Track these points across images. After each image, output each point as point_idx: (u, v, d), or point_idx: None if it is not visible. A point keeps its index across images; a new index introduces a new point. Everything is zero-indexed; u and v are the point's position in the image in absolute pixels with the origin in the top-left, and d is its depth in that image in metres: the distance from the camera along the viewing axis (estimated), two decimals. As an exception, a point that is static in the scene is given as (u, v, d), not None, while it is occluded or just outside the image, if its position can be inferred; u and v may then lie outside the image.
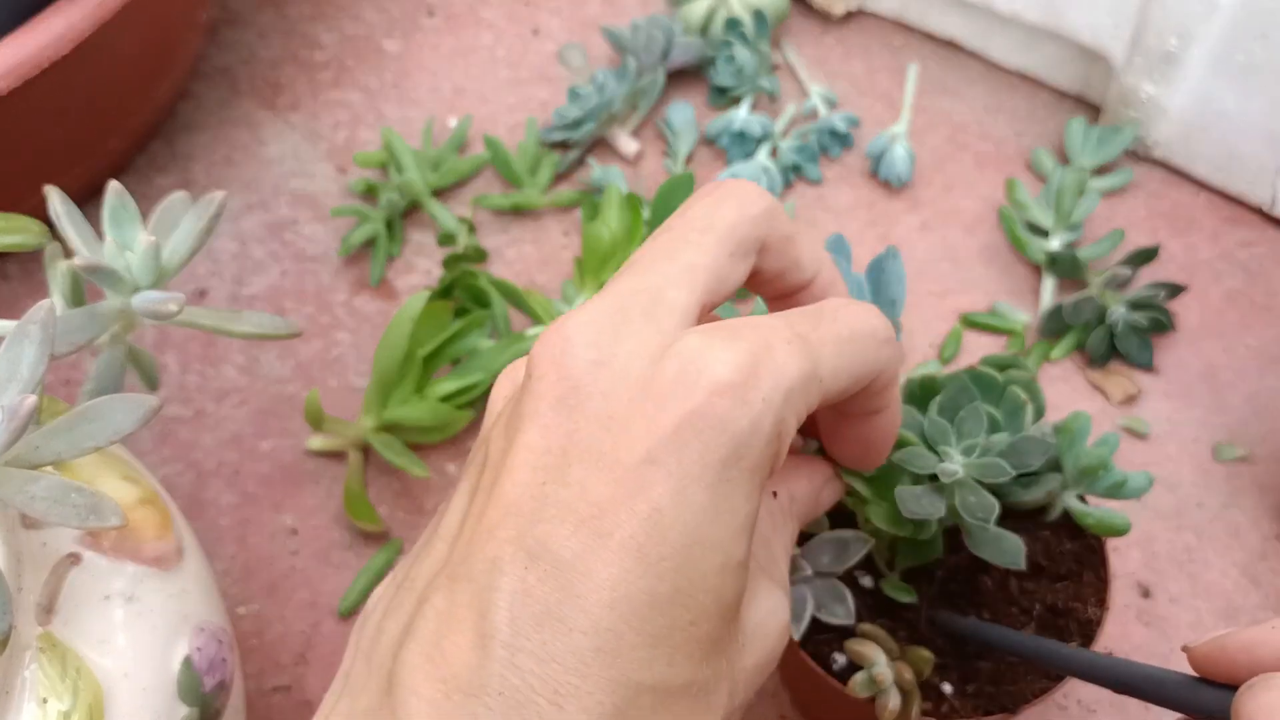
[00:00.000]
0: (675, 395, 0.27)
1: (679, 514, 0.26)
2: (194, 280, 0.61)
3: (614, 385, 0.28)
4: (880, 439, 0.35)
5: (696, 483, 0.27)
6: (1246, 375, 0.58)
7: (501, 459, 0.28)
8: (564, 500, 0.27)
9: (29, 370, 0.35)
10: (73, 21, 0.52)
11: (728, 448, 0.27)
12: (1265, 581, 0.52)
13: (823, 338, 0.29)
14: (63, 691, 0.36)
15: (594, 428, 0.27)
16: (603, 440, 0.27)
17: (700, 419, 0.27)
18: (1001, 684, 0.41)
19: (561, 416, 0.28)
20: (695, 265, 0.30)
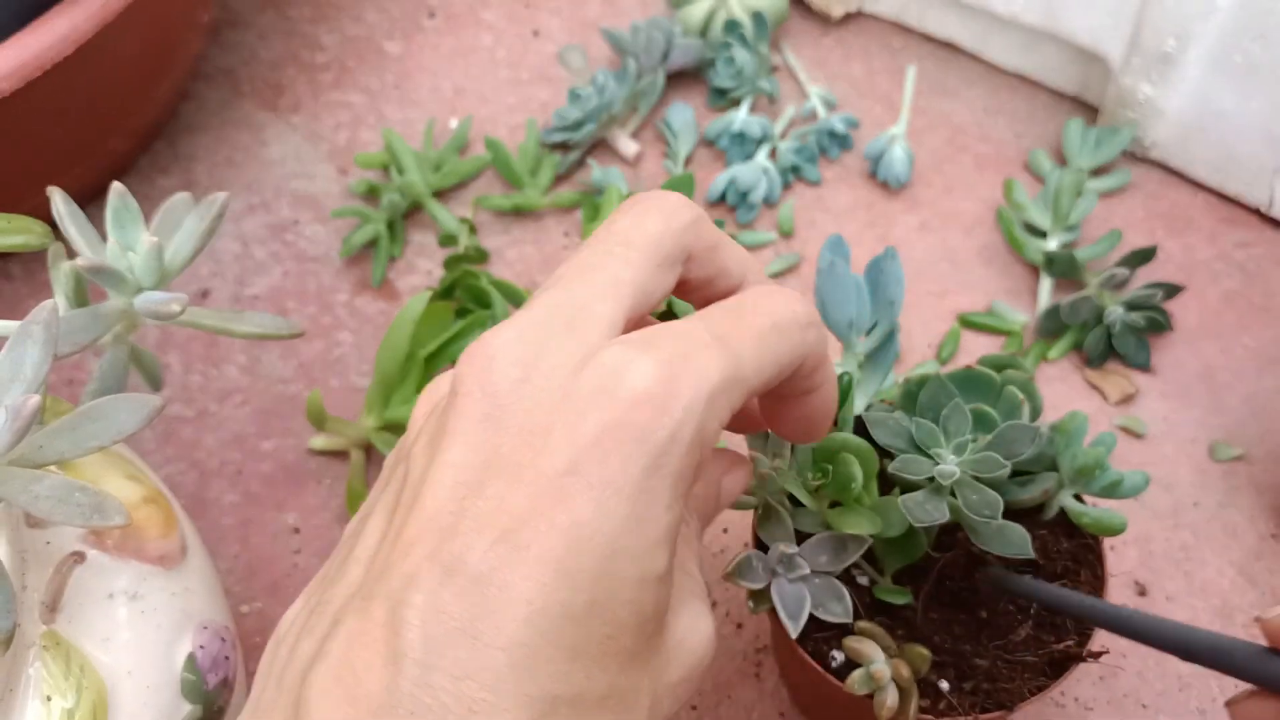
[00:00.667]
0: (595, 406, 0.27)
1: (599, 525, 0.26)
2: (196, 281, 0.61)
3: (537, 399, 0.28)
4: (818, 415, 0.35)
5: (617, 494, 0.26)
6: (1243, 375, 0.58)
7: (423, 476, 0.28)
8: (482, 514, 0.27)
9: (32, 370, 0.35)
10: (75, 22, 0.52)
11: (648, 458, 0.27)
12: (1261, 580, 0.53)
13: (744, 334, 0.29)
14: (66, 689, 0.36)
15: (516, 442, 0.27)
16: (524, 453, 0.27)
17: (620, 430, 0.27)
18: (998, 681, 0.41)
19: (485, 432, 0.28)
20: (620, 278, 0.30)
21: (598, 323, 0.29)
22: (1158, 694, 0.50)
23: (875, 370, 0.43)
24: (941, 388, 0.39)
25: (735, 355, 0.29)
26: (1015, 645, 0.41)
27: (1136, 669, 0.50)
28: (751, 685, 0.50)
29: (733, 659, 0.51)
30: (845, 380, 0.42)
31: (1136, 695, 0.50)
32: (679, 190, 0.60)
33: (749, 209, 0.64)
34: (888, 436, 0.39)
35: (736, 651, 0.51)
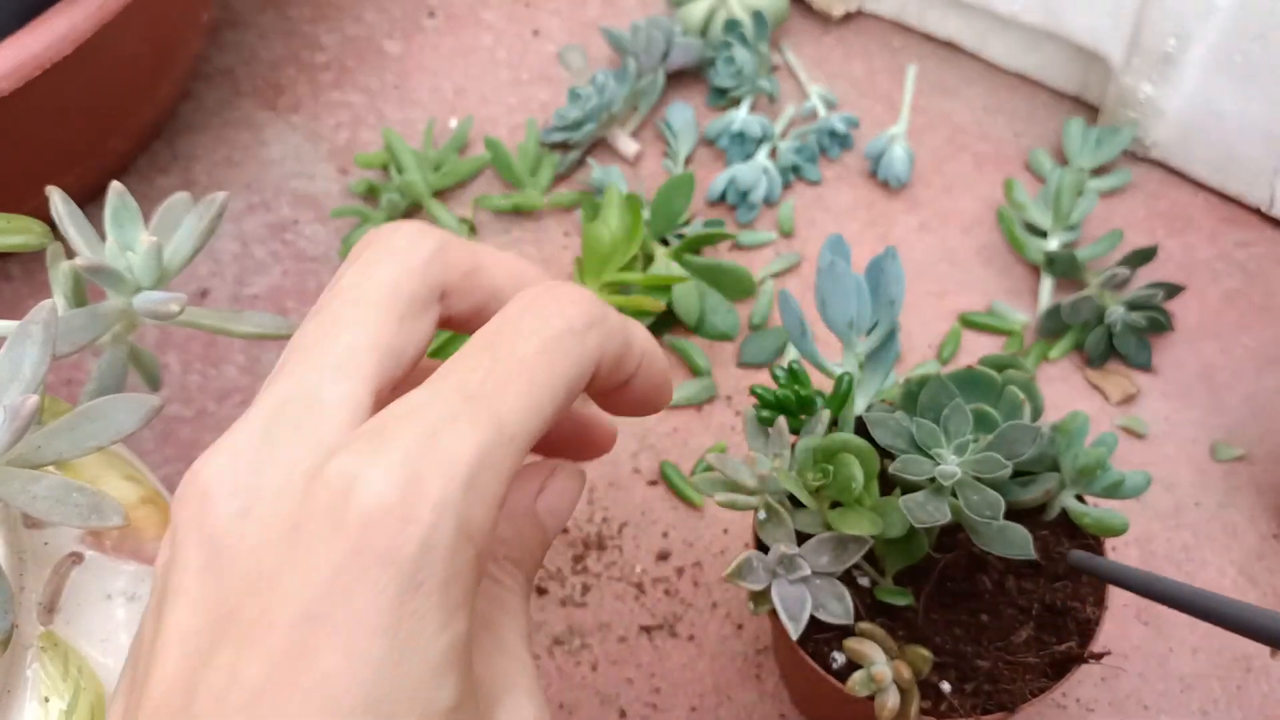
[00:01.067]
0: (326, 536, 0.22)
1: (353, 675, 0.22)
2: (195, 280, 0.61)
3: (261, 536, 0.23)
4: (646, 396, 0.30)
5: (370, 632, 0.22)
6: (1244, 375, 0.58)
7: (150, 649, 0.24)
8: (215, 688, 0.22)
9: (31, 370, 0.35)
10: (74, 22, 0.52)
11: (400, 579, 0.22)
12: (1262, 580, 0.53)
13: (504, 378, 0.25)
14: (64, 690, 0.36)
15: (243, 593, 0.23)
16: (254, 606, 0.23)
17: (359, 557, 0.22)
18: (1000, 683, 0.41)
19: (207, 585, 0.23)
20: (355, 347, 0.25)
21: (331, 415, 0.24)
22: (1159, 695, 0.50)
23: (876, 370, 0.43)
24: (942, 388, 0.39)
25: (494, 414, 0.24)
26: (1017, 646, 0.41)
27: (1139, 670, 0.50)
28: (752, 687, 0.50)
29: (733, 660, 0.51)
30: (846, 380, 0.42)
31: (1138, 696, 0.50)
32: (679, 189, 0.60)
33: (749, 208, 0.64)
34: (888, 437, 0.39)
35: (737, 653, 0.51)
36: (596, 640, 0.51)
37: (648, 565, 0.53)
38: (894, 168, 0.64)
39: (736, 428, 0.57)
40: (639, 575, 0.53)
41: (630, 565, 0.53)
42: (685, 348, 0.59)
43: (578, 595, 0.52)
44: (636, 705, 0.50)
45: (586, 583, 0.53)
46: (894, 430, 0.39)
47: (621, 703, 0.50)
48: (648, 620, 0.52)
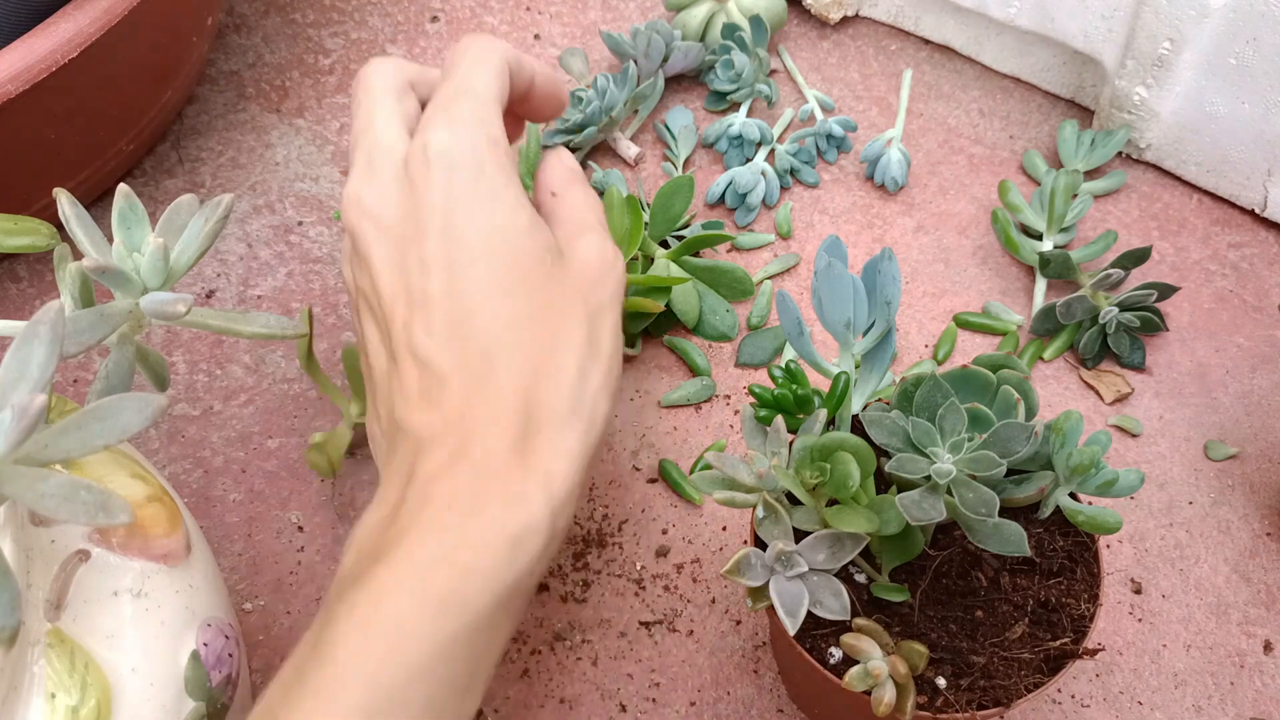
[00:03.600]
0: (434, 176, 0.40)
1: (491, 222, 0.41)
2: (202, 281, 0.62)
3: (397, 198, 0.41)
4: (548, 96, 0.47)
5: (495, 200, 0.41)
6: (1237, 374, 0.59)
7: (372, 283, 0.42)
8: (415, 277, 0.41)
9: (39, 370, 0.35)
10: (81, 26, 0.52)
11: (483, 169, 0.40)
12: (1255, 578, 0.53)
13: (470, 74, 0.42)
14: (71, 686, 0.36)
15: (412, 223, 0.41)
16: (411, 225, 0.41)
17: (452, 173, 0.41)
18: (995, 678, 0.41)
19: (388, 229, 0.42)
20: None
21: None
22: (1153, 691, 0.50)
23: (872, 370, 0.44)
24: (937, 387, 0.40)
25: (471, 88, 0.43)
26: (1012, 642, 0.41)
27: (1132, 666, 0.51)
28: (750, 681, 0.51)
29: (731, 656, 0.51)
30: (843, 380, 0.42)
31: (1132, 692, 0.50)
32: (678, 192, 0.60)
33: (747, 211, 0.64)
34: (884, 435, 0.40)
35: (735, 648, 0.51)
36: (597, 636, 0.52)
37: (647, 562, 0.53)
38: (890, 170, 0.65)
39: (735, 426, 0.57)
40: (639, 572, 0.53)
41: (630, 562, 0.54)
42: (684, 348, 0.59)
43: (578, 592, 0.53)
44: (636, 700, 0.50)
45: (587, 579, 0.53)
46: (890, 429, 0.40)
47: (621, 697, 0.50)
48: (647, 616, 0.52)
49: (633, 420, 0.57)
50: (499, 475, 0.36)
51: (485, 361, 0.38)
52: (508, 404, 0.37)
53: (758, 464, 0.40)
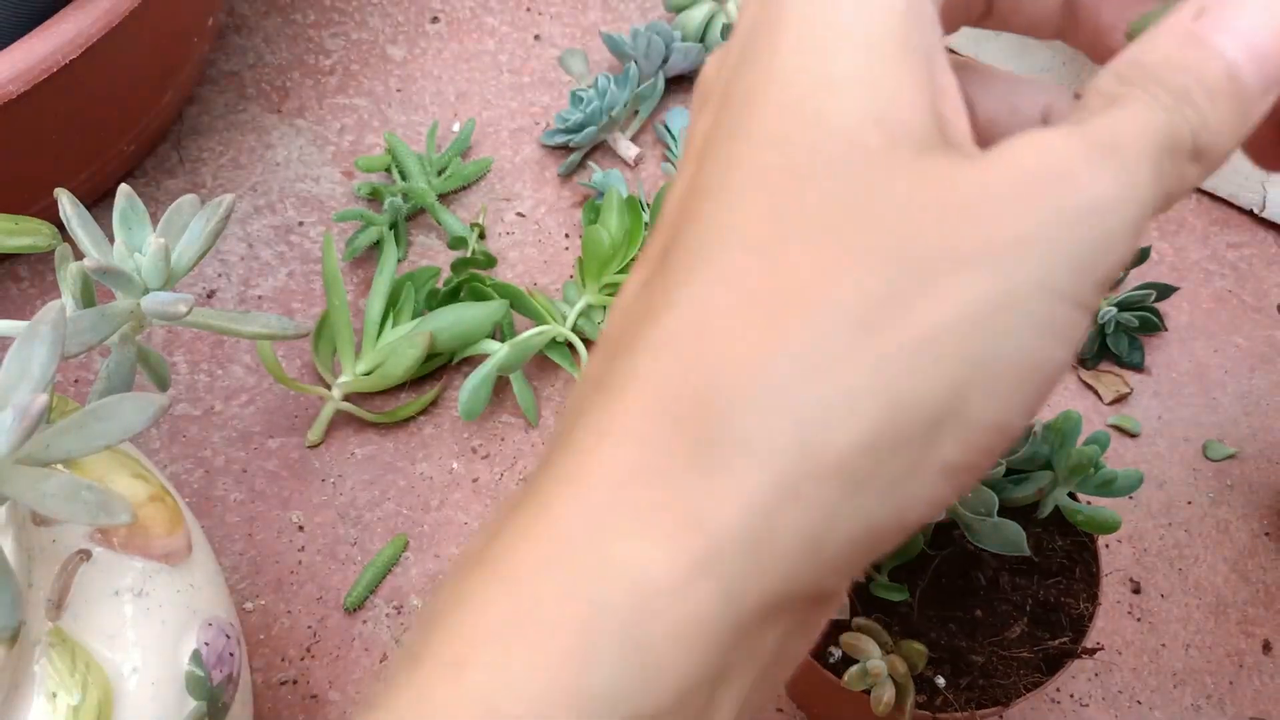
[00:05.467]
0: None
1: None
2: (203, 281, 0.62)
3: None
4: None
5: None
6: (1236, 375, 0.59)
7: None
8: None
9: (40, 370, 0.35)
10: (82, 26, 0.52)
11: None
12: (1254, 578, 0.53)
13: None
14: (72, 686, 0.36)
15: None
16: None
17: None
18: (994, 677, 0.41)
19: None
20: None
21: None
22: (1152, 690, 0.50)
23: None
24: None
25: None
26: (1011, 642, 0.42)
27: (1131, 665, 0.51)
28: (750, 682, 0.51)
29: (731, 656, 0.51)
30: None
31: (1131, 691, 0.50)
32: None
33: (748, 211, 0.64)
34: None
35: (735, 648, 0.51)
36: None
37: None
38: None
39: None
40: (639, 572, 0.53)
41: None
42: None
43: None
44: (636, 700, 0.50)
45: None
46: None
47: (621, 698, 0.50)
48: (647, 617, 0.52)
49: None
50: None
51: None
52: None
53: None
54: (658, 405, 0.21)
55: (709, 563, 0.20)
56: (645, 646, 0.20)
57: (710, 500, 0.20)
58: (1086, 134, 0.21)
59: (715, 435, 0.20)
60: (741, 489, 0.20)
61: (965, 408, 0.20)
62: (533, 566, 0.21)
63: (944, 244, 0.20)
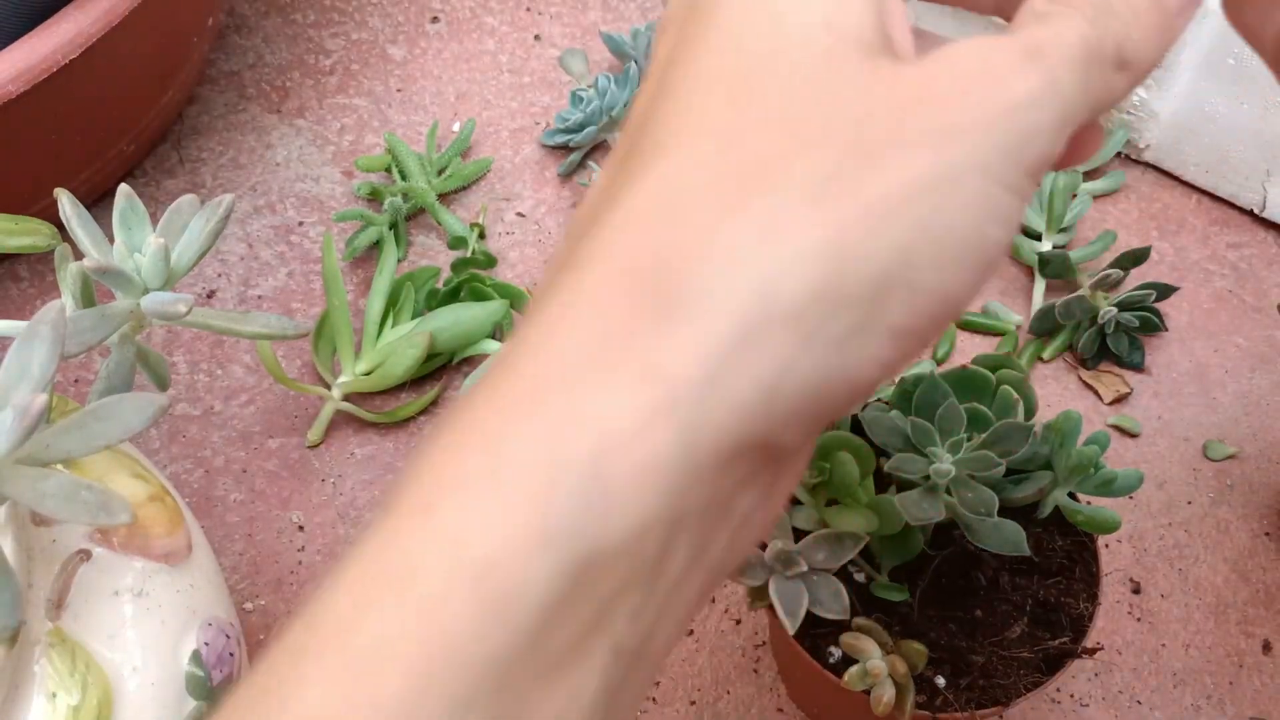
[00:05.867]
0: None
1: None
2: (203, 281, 0.62)
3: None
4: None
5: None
6: (1236, 374, 0.59)
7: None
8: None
9: (40, 370, 0.35)
10: (81, 26, 0.52)
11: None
12: (1254, 578, 0.53)
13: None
14: (72, 686, 0.36)
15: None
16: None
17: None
18: (994, 677, 0.41)
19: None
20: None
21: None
22: (1152, 690, 0.50)
23: (872, 370, 0.44)
24: (937, 387, 0.40)
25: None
26: (1011, 642, 0.42)
27: (1131, 665, 0.51)
28: (750, 681, 0.51)
29: (731, 655, 0.51)
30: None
31: (1131, 691, 0.50)
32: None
33: (748, 211, 0.64)
34: (884, 435, 0.40)
35: (735, 648, 0.51)
36: (597, 637, 0.51)
37: (647, 563, 0.53)
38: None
39: (735, 427, 0.57)
40: (639, 572, 0.53)
41: (630, 563, 0.53)
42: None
43: (578, 592, 0.53)
44: (636, 700, 0.50)
45: None
46: (889, 429, 0.40)
47: (621, 698, 0.50)
48: (647, 617, 0.52)
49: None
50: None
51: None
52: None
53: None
54: (621, 274, 0.22)
55: (667, 407, 0.21)
56: (604, 486, 0.21)
57: (669, 351, 0.21)
58: (1017, 41, 0.24)
59: (675, 294, 0.22)
60: (699, 338, 0.21)
61: (910, 274, 0.22)
62: (501, 421, 0.22)
63: (889, 130, 0.22)
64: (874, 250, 0.22)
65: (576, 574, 0.21)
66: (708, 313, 0.22)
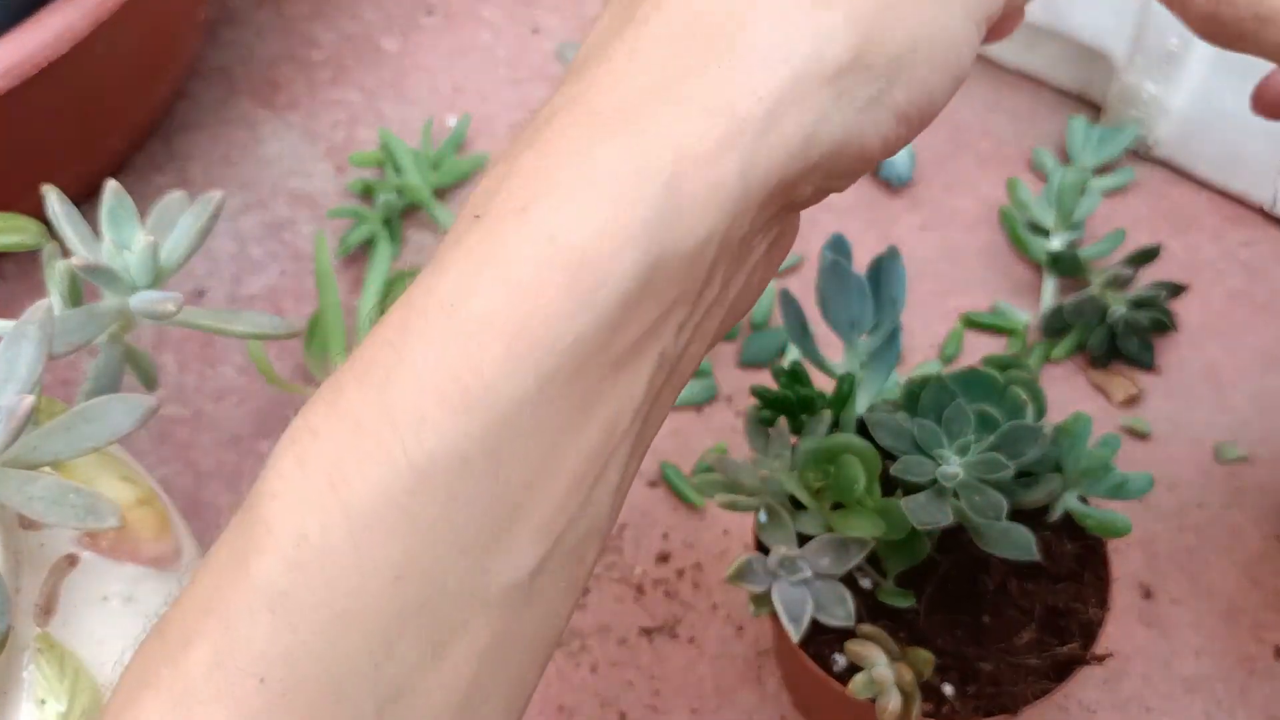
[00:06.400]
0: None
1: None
2: (192, 280, 0.61)
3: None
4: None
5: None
6: (1248, 375, 0.58)
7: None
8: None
9: (27, 370, 0.35)
10: (71, 20, 0.52)
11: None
12: (1266, 582, 0.52)
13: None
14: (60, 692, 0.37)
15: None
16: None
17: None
18: (1002, 685, 0.41)
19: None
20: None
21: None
22: (1163, 697, 0.50)
23: (877, 370, 0.43)
24: (944, 388, 0.39)
25: None
26: (1019, 648, 0.41)
27: (1141, 672, 0.50)
28: (753, 689, 0.50)
29: (734, 663, 0.51)
30: (847, 381, 0.42)
31: (1141, 699, 0.50)
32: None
33: (749, 208, 0.64)
34: (890, 438, 0.39)
35: (738, 655, 0.51)
36: (596, 642, 0.51)
37: (648, 567, 0.53)
38: (896, 167, 0.64)
39: (737, 428, 0.57)
40: (639, 577, 0.53)
41: (630, 567, 0.53)
42: (685, 347, 0.59)
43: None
44: (637, 708, 0.50)
45: (586, 584, 0.52)
46: (895, 431, 0.39)
47: (621, 705, 0.50)
48: (648, 622, 0.52)
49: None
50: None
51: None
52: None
53: (760, 467, 0.40)
54: (685, 25, 0.26)
55: (733, 138, 0.25)
56: (679, 201, 0.25)
57: (735, 90, 0.26)
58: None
59: (739, 44, 0.26)
60: (761, 83, 0.26)
61: (915, 63, 0.27)
62: (589, 139, 0.26)
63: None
64: (894, 35, 0.27)
65: (650, 274, 0.25)
66: (767, 62, 0.26)
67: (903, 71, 0.27)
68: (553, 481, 0.25)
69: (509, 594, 0.25)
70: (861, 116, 0.27)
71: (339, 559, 0.24)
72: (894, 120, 0.28)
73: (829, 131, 0.26)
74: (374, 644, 0.24)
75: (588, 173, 0.25)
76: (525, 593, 0.25)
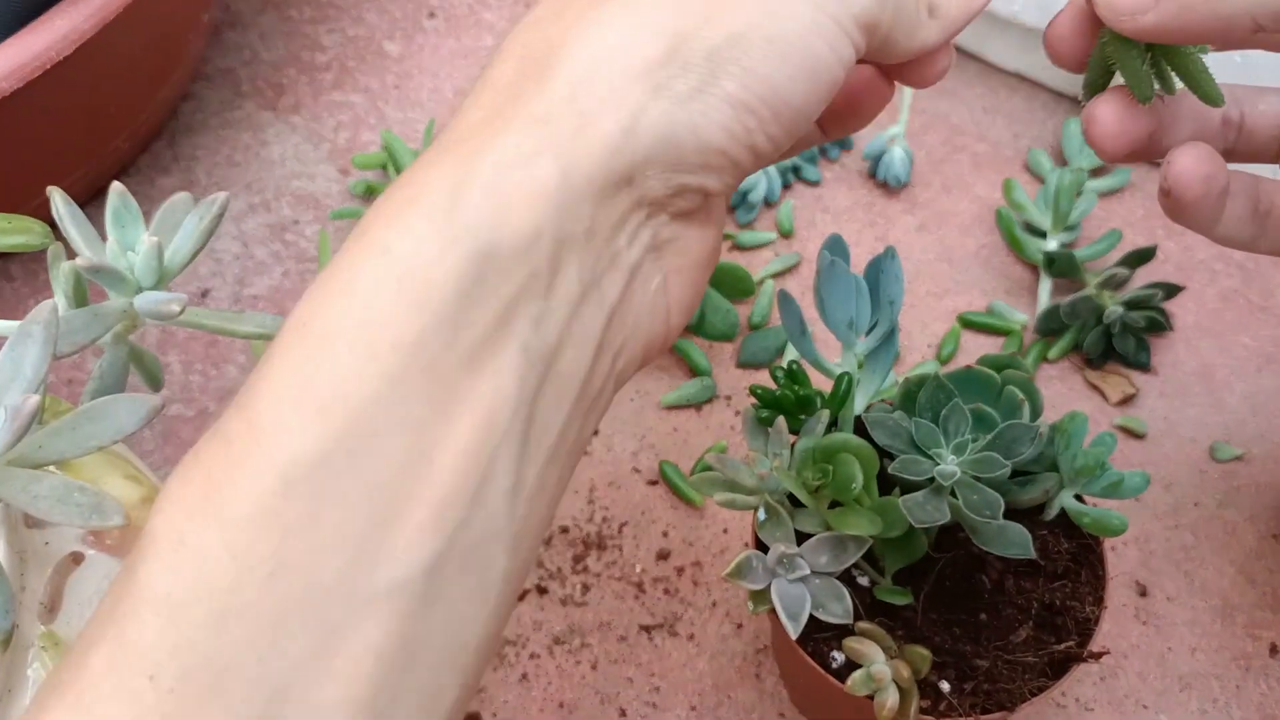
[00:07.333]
0: None
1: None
2: (196, 280, 0.61)
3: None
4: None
5: None
6: (1243, 375, 0.58)
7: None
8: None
9: (32, 370, 0.35)
10: (75, 22, 0.52)
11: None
12: (1262, 580, 0.53)
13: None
14: (66, 689, 0.36)
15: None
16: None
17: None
18: (999, 682, 0.41)
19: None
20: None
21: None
22: (1158, 694, 0.50)
23: (875, 370, 0.43)
24: (941, 388, 0.39)
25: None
26: (1016, 646, 0.41)
27: (1137, 669, 0.50)
28: (752, 686, 0.50)
29: (733, 660, 0.51)
30: (845, 380, 0.42)
31: (1137, 696, 0.50)
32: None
33: (749, 209, 0.64)
34: (887, 437, 0.39)
35: (736, 652, 0.51)
36: (596, 639, 0.51)
37: (647, 565, 0.53)
38: (893, 168, 0.65)
39: (736, 427, 0.57)
40: (639, 575, 0.53)
41: (630, 564, 0.53)
42: (685, 348, 0.59)
43: (578, 595, 0.52)
44: (636, 704, 0.50)
45: (586, 582, 0.53)
46: (893, 430, 0.39)
47: (621, 701, 0.50)
48: (647, 619, 0.52)
49: (632, 421, 0.57)
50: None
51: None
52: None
53: (759, 465, 0.40)
54: (514, 64, 0.30)
55: (549, 142, 0.28)
56: (499, 200, 0.27)
57: (547, 102, 0.28)
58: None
59: (553, 62, 0.29)
60: (571, 89, 0.28)
61: (742, 57, 0.29)
62: (422, 168, 0.29)
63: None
64: (709, 32, 0.29)
65: (480, 267, 0.27)
66: (575, 71, 0.29)
67: (728, 63, 0.29)
68: (427, 480, 0.26)
69: (399, 591, 0.26)
70: (687, 106, 0.29)
71: (214, 560, 0.25)
72: (730, 109, 0.29)
73: (649, 123, 0.29)
74: (257, 639, 0.25)
75: (417, 193, 0.28)
76: (420, 592, 0.26)
